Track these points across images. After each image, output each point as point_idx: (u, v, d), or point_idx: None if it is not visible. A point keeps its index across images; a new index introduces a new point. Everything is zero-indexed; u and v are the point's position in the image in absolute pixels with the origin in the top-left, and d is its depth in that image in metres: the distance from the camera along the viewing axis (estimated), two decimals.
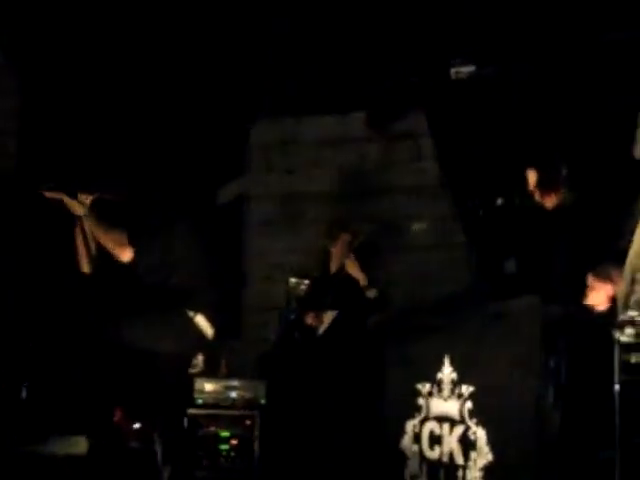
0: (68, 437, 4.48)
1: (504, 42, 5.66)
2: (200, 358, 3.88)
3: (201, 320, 3.78)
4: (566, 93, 5.51)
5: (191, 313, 3.77)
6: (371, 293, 5.76)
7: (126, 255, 3.81)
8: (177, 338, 3.74)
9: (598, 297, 2.68)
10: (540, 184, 4.50)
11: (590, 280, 2.73)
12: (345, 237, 5.94)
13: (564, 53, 5.43)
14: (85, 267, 3.97)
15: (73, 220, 4.00)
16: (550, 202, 4.51)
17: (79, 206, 3.92)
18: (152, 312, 3.73)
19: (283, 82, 6.66)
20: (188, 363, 3.88)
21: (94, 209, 3.94)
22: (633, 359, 2.84)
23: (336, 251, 5.94)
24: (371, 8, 6.27)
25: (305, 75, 6.68)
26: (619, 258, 2.58)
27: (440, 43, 6.00)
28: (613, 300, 2.60)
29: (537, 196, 4.54)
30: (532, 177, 4.52)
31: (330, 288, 5.92)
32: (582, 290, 3.81)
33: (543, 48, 5.50)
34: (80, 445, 4.47)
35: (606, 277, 2.64)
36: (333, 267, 5.99)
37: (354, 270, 5.82)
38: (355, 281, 5.85)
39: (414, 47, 6.23)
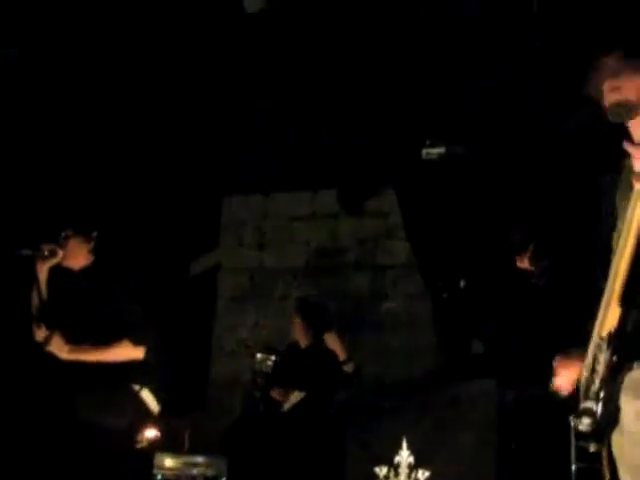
0: None
1: (474, 124, 5.74)
2: (146, 433, 3.78)
3: (147, 395, 3.72)
4: (533, 172, 5.60)
5: (137, 387, 3.71)
6: (349, 367, 5.63)
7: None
8: (121, 412, 3.67)
9: (562, 381, 2.66)
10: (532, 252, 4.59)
11: (555, 365, 2.72)
12: (298, 318, 5.88)
13: (531, 135, 5.51)
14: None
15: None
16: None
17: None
18: (99, 385, 3.67)
19: (255, 159, 6.72)
20: (132, 438, 3.79)
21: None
22: (591, 448, 2.82)
23: (298, 327, 5.87)
24: (343, 88, 6.37)
25: (277, 152, 6.74)
26: (584, 344, 2.57)
27: (412, 124, 6.08)
28: (576, 386, 2.58)
29: (524, 263, 4.62)
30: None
31: (300, 364, 5.80)
32: (547, 373, 3.79)
33: (511, 130, 5.58)
34: None
35: (570, 362, 2.62)
36: (302, 343, 5.88)
37: (334, 344, 5.68)
38: (332, 355, 5.76)
39: (386, 126, 6.31)
